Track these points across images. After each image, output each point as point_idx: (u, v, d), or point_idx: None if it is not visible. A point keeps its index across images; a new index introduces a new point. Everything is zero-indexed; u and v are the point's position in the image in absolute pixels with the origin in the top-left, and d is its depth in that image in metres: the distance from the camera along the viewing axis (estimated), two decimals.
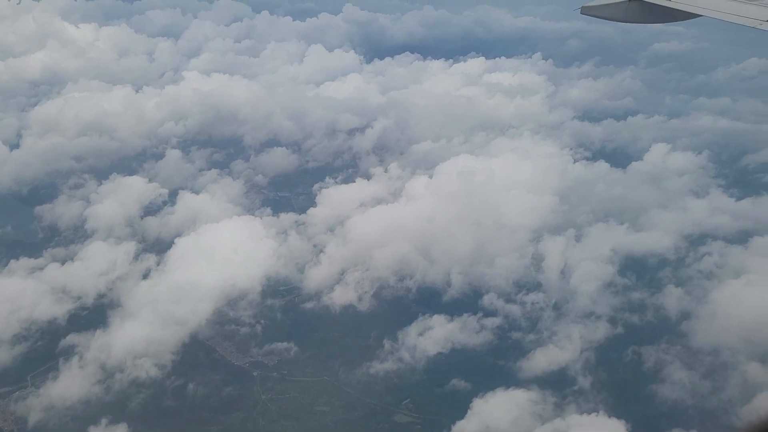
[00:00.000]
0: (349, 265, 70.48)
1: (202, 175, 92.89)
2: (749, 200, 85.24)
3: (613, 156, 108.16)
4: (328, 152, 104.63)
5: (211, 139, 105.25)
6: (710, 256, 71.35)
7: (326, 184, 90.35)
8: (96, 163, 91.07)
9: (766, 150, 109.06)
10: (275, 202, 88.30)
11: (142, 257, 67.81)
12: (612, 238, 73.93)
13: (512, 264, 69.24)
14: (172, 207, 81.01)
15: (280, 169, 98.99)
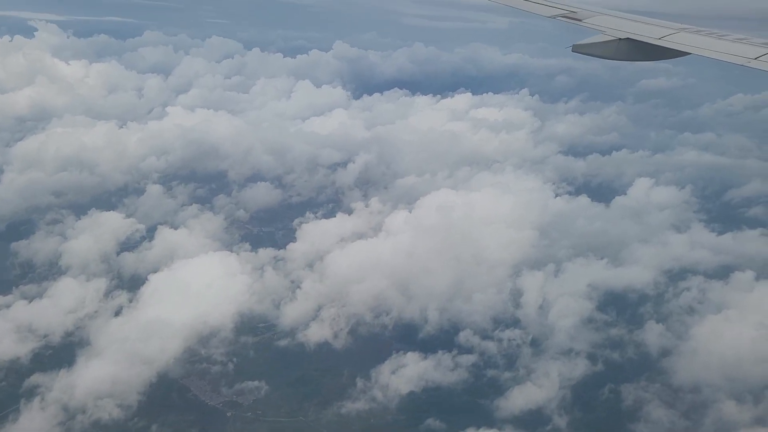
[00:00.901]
0: (326, 301, 69.53)
1: (183, 210, 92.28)
2: (731, 235, 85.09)
3: (597, 190, 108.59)
4: (311, 187, 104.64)
5: (194, 174, 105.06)
6: (690, 291, 70.85)
7: (307, 219, 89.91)
8: (75, 199, 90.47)
9: (749, 185, 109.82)
10: (255, 237, 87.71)
11: (114, 294, 66.71)
12: (591, 273, 73.30)
13: (490, 300, 68.42)
14: (150, 243, 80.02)
15: (262, 203, 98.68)
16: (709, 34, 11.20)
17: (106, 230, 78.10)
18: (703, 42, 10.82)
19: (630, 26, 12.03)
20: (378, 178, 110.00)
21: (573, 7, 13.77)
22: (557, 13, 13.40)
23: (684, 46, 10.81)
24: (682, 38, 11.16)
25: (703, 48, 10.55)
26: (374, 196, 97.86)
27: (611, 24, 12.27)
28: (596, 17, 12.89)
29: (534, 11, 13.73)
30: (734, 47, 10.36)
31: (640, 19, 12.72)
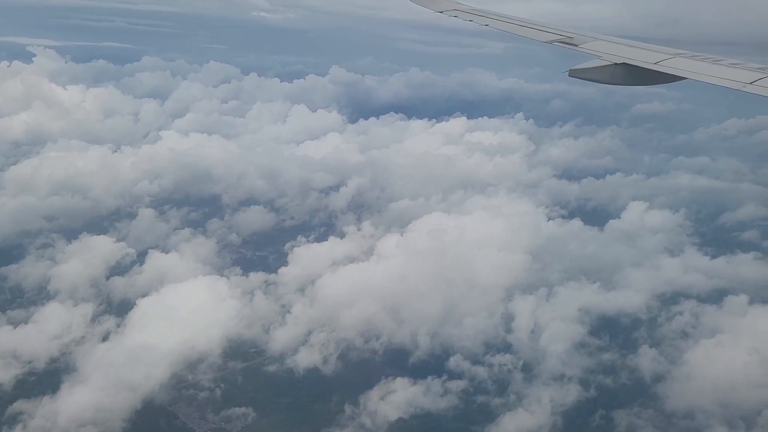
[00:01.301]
0: (316, 325, 68.92)
1: (175, 234, 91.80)
2: (724, 258, 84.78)
3: (592, 214, 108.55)
4: (304, 211, 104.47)
5: (187, 197, 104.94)
6: (683, 315, 70.47)
7: (299, 242, 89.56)
8: (67, 223, 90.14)
9: (743, 208, 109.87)
10: (247, 261, 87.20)
11: (101, 319, 66.08)
12: (584, 297, 72.89)
13: (481, 324, 67.85)
14: (140, 267, 79.60)
15: (255, 227, 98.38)
16: (704, 59, 11.38)
17: (96, 254, 77.65)
18: (698, 67, 10.99)
19: (626, 51, 12.19)
20: (372, 202, 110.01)
21: (569, 32, 13.95)
22: (554, 38, 13.59)
23: (679, 70, 10.98)
24: (677, 63, 11.32)
25: (699, 73, 10.71)
26: (367, 220, 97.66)
27: (607, 49, 12.43)
28: (592, 42, 13.08)
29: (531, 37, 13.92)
30: (729, 72, 10.51)
31: (635, 44, 12.87)
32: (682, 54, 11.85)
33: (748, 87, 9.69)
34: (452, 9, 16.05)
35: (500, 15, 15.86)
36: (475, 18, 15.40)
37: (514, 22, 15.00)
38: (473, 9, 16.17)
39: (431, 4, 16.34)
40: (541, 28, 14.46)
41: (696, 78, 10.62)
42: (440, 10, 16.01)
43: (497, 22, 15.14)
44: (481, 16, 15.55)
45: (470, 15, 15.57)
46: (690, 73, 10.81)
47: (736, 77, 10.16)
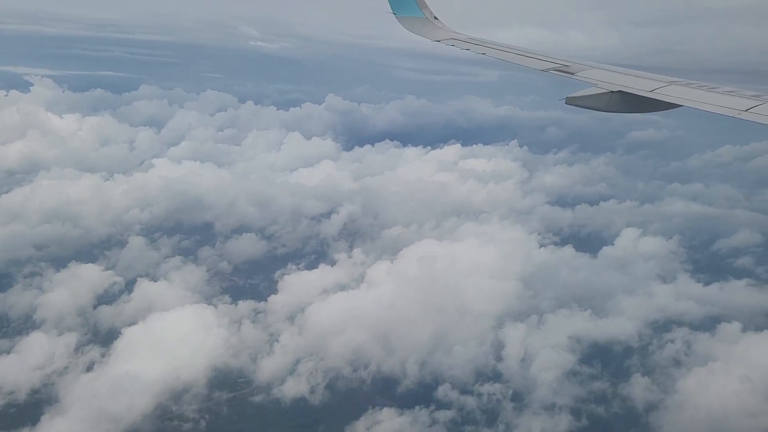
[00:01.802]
0: (304, 354, 68.15)
1: (165, 262, 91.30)
2: (717, 285, 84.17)
3: (586, 241, 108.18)
4: (297, 238, 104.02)
5: (179, 225, 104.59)
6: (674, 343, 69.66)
7: (289, 270, 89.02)
8: (57, 252, 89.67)
9: (737, 235, 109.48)
10: (237, 289, 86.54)
11: (85, 349, 65.27)
12: (575, 324, 72.19)
13: (470, 352, 67.05)
14: (128, 295, 78.99)
15: (247, 255, 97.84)
16: (699, 87, 11.49)
17: (84, 283, 77.06)
18: (693, 94, 11.09)
19: (621, 79, 12.34)
20: (365, 229, 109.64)
21: (565, 61, 14.10)
22: (550, 66, 13.72)
23: (675, 98, 11.08)
24: (672, 91, 11.42)
25: (694, 100, 10.81)
26: (359, 247, 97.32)
27: (603, 77, 12.58)
28: (588, 70, 13.21)
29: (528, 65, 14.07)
30: (724, 99, 10.60)
31: (631, 72, 12.99)
32: (677, 82, 11.97)
33: (743, 114, 9.81)
34: (449, 38, 16.23)
35: (496, 44, 16.05)
36: (471, 47, 15.58)
37: (510, 51, 15.20)
38: (470, 38, 16.34)
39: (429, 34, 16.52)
40: (538, 56, 14.63)
41: (692, 105, 10.74)
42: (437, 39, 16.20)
43: (494, 50, 15.35)
44: (478, 45, 15.75)
45: (467, 44, 15.75)
46: (685, 100, 10.94)
47: (732, 105, 10.29)
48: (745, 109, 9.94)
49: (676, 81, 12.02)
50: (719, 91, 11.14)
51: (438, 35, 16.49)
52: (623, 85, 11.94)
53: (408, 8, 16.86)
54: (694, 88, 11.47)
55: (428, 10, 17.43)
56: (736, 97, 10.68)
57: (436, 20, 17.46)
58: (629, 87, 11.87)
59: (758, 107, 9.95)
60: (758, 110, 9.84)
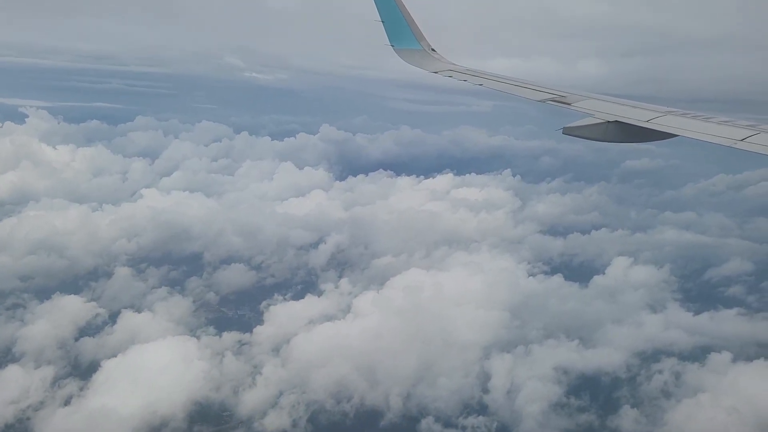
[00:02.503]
0: (287, 387, 67.02)
1: (152, 293, 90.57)
2: (707, 314, 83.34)
3: (578, 270, 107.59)
4: (285, 268, 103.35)
5: (167, 256, 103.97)
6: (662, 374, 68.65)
7: (275, 300, 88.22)
8: (42, 283, 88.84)
9: (729, 263, 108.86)
10: (223, 320, 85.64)
11: (63, 383, 64.15)
12: (562, 355, 71.20)
13: (456, 384, 65.96)
14: (112, 327, 78.11)
15: (236, 285, 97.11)
16: (694, 117, 11.61)
17: (66, 315, 76.22)
18: (689, 124, 11.21)
19: (618, 109, 12.45)
20: (356, 259, 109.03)
21: (562, 91, 14.23)
22: (547, 97, 13.85)
23: (671, 128, 11.18)
24: (668, 121, 11.53)
25: (690, 130, 10.91)
26: (347, 277, 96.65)
27: (599, 107, 12.68)
28: (585, 101, 13.31)
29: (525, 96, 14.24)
30: (720, 129, 10.71)
31: (627, 102, 13.09)
32: (672, 112, 12.04)
33: (739, 144, 9.91)
34: (447, 70, 16.44)
35: (493, 75, 16.22)
36: (469, 78, 15.74)
37: (507, 82, 15.35)
38: (467, 69, 16.55)
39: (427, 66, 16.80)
40: (535, 87, 14.76)
41: (688, 135, 10.83)
42: (435, 70, 16.44)
43: (491, 81, 15.50)
44: (475, 76, 15.92)
45: (464, 75, 15.92)
46: (681, 130, 11.03)
47: (727, 134, 10.39)
48: (740, 139, 10.06)
49: (672, 111, 12.13)
50: (714, 121, 11.24)
51: (436, 67, 16.80)
52: (619, 116, 12.05)
53: (406, 41, 17.22)
54: (689, 118, 11.61)
55: (425, 42, 17.75)
56: (731, 127, 10.76)
57: (433, 52, 17.77)
58: (625, 117, 11.98)
59: (753, 137, 10.06)
60: (754, 140, 9.95)
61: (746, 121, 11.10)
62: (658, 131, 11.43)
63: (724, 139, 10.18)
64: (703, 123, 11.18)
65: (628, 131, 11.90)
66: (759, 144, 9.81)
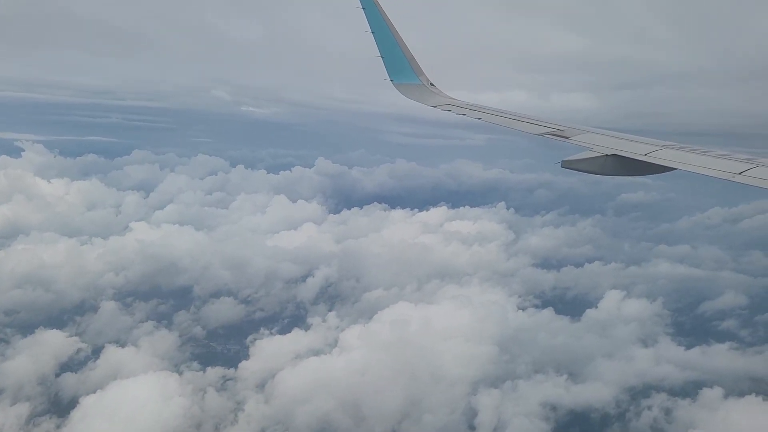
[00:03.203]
0: (269, 424, 65.85)
1: (138, 328, 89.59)
2: (699, 349, 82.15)
3: (571, 303, 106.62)
4: (275, 302, 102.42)
5: (156, 289, 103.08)
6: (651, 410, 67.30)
7: (261, 335, 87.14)
8: (27, 317, 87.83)
9: (723, 297, 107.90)
10: (209, 355, 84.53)
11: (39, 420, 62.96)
12: (550, 390, 69.87)
13: (441, 421, 64.73)
14: (94, 362, 77.06)
15: (224, 320, 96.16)
16: (692, 150, 11.66)
17: (47, 350, 75.21)
18: (687, 158, 11.23)
19: (615, 143, 12.54)
20: (347, 292, 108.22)
21: (559, 125, 14.30)
22: (545, 131, 13.93)
23: (669, 161, 11.22)
24: (666, 154, 11.56)
25: (688, 163, 10.95)
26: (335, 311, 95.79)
27: (597, 141, 12.74)
28: (583, 135, 13.38)
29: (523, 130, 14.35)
30: (718, 163, 10.75)
31: (624, 136, 13.16)
32: (670, 145, 12.09)
33: (737, 177, 9.93)
34: (445, 104, 16.65)
35: (491, 109, 16.33)
36: (467, 112, 15.87)
37: (505, 116, 15.47)
38: (466, 104, 16.73)
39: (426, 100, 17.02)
40: (532, 121, 14.86)
41: (686, 168, 10.87)
42: (434, 105, 16.67)
43: (489, 115, 15.62)
44: (473, 110, 16.06)
45: (463, 109, 16.09)
46: (679, 163, 11.07)
47: (725, 168, 10.41)
48: (738, 172, 10.08)
49: (669, 144, 12.16)
50: (712, 155, 11.28)
51: (434, 101, 16.96)
52: (617, 149, 12.10)
53: (405, 76, 17.51)
54: (687, 152, 11.64)
55: (424, 76, 17.95)
56: (729, 161, 10.79)
57: (432, 86, 17.96)
58: (623, 151, 12.02)
59: (752, 170, 10.10)
60: (752, 173, 10.00)
61: (743, 154, 11.13)
62: (656, 165, 11.45)
63: (722, 173, 10.20)
64: (701, 156, 11.25)
65: (627, 165, 11.93)
66: (757, 177, 9.86)
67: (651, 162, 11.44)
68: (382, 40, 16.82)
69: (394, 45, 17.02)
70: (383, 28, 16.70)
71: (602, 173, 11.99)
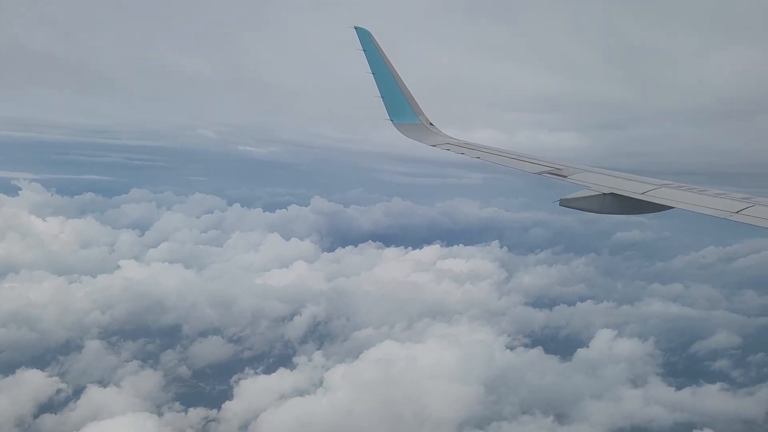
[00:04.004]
0: None
1: (123, 367, 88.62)
2: (689, 389, 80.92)
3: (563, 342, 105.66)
4: (263, 341, 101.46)
5: (143, 328, 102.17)
6: None
7: (246, 374, 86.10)
8: (10, 357, 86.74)
9: (715, 336, 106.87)
10: (193, 395, 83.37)
11: None
12: None
13: None
14: (75, 403, 76.02)
15: (211, 358, 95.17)
16: (689, 189, 11.80)
17: (27, 390, 74.23)
18: (684, 197, 11.36)
19: (613, 182, 12.71)
20: (338, 331, 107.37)
21: (558, 164, 14.54)
22: (543, 170, 14.13)
23: (667, 200, 11.34)
24: (664, 193, 11.69)
25: (686, 202, 11.06)
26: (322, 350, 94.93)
27: (595, 180, 12.94)
28: (581, 173, 13.57)
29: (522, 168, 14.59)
30: (715, 201, 10.86)
31: (621, 175, 13.37)
32: (667, 184, 12.23)
33: (734, 216, 10.03)
34: (445, 143, 16.98)
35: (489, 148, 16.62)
36: (467, 151, 16.17)
37: (503, 155, 15.72)
38: (465, 143, 17.04)
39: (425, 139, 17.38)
40: (530, 160, 15.09)
41: (683, 207, 10.97)
42: (434, 144, 17.01)
43: (488, 154, 15.89)
44: (472, 149, 16.37)
45: (462, 149, 16.41)
46: (677, 202, 11.17)
47: (722, 207, 10.50)
48: (736, 211, 10.17)
49: (667, 183, 12.29)
50: (709, 194, 11.39)
51: (434, 140, 17.28)
52: (615, 188, 12.25)
53: (405, 116, 17.91)
54: (684, 191, 11.77)
55: (424, 116, 18.33)
56: (726, 200, 10.89)
57: (431, 126, 18.30)
58: (621, 189, 12.17)
59: (749, 209, 10.19)
60: (749, 212, 10.08)
61: (740, 193, 11.24)
62: (654, 203, 11.55)
63: (719, 212, 10.28)
64: (698, 195, 11.36)
65: (624, 203, 12.04)
66: (754, 216, 9.92)
67: (649, 201, 11.58)
68: (382, 82, 17.31)
69: (394, 86, 17.51)
70: (383, 69, 17.17)
71: (600, 212, 12.16)
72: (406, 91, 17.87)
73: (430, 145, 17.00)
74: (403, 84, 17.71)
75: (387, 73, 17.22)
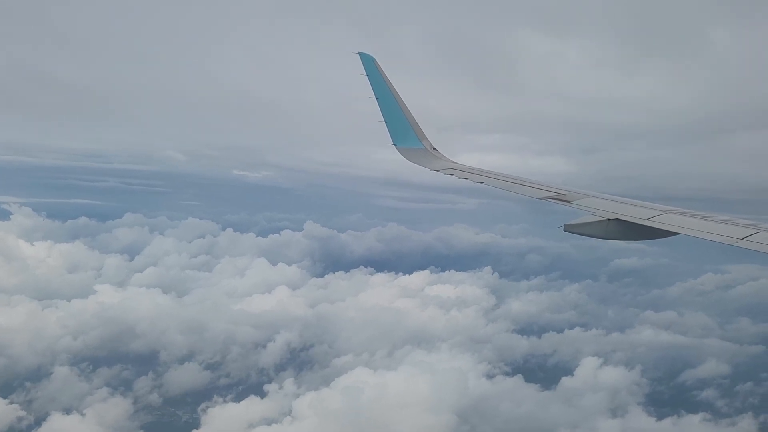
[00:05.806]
0: None
1: (92, 395, 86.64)
2: (671, 420, 78.20)
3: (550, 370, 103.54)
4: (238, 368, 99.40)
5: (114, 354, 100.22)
6: None
7: (214, 403, 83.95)
8: None
9: (705, 365, 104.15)
10: (159, 425, 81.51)
11: None
12: None
13: None
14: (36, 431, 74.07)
15: (185, 386, 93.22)
16: (694, 215, 11.66)
17: None
18: (689, 223, 11.30)
19: (617, 207, 12.57)
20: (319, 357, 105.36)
21: (561, 189, 14.44)
22: (547, 195, 14.04)
23: (671, 226, 11.28)
24: (668, 219, 11.64)
25: (691, 228, 10.98)
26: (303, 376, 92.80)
27: (599, 205, 12.80)
28: (585, 199, 13.47)
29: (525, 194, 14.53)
30: (721, 228, 10.81)
31: (625, 200, 13.25)
32: (672, 210, 12.18)
33: (740, 242, 9.94)
34: (448, 168, 17.08)
35: (493, 173, 16.62)
36: (470, 176, 16.17)
37: (507, 180, 15.65)
38: (467, 168, 17.06)
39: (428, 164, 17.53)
40: (534, 185, 15.03)
41: (688, 233, 10.87)
42: (437, 169, 17.14)
43: (491, 179, 15.86)
44: (476, 174, 16.39)
45: (465, 173, 16.43)
46: (682, 228, 11.08)
47: (728, 233, 10.42)
48: (741, 238, 10.07)
49: (672, 210, 12.21)
50: (714, 220, 11.33)
51: (437, 165, 17.41)
52: (620, 213, 12.14)
53: (408, 140, 18.11)
54: (689, 217, 11.71)
55: (427, 141, 18.49)
56: (731, 226, 10.81)
57: (435, 151, 18.41)
58: (626, 215, 12.06)
59: (755, 236, 10.11)
60: (755, 238, 9.98)
61: (746, 219, 11.16)
62: (659, 229, 11.46)
63: (725, 238, 10.18)
64: (703, 221, 11.28)
65: (629, 229, 11.95)
66: (760, 243, 9.80)
67: (654, 226, 11.46)
68: (385, 106, 17.43)
69: (397, 110, 17.75)
70: (387, 94, 17.32)
71: (605, 237, 12.15)
72: (410, 116, 18.09)
73: (433, 170, 17.13)
74: (407, 109, 17.91)
75: (390, 98, 17.42)
